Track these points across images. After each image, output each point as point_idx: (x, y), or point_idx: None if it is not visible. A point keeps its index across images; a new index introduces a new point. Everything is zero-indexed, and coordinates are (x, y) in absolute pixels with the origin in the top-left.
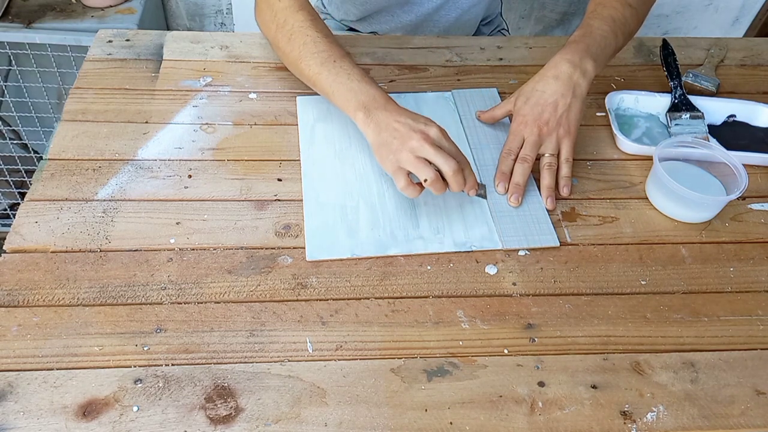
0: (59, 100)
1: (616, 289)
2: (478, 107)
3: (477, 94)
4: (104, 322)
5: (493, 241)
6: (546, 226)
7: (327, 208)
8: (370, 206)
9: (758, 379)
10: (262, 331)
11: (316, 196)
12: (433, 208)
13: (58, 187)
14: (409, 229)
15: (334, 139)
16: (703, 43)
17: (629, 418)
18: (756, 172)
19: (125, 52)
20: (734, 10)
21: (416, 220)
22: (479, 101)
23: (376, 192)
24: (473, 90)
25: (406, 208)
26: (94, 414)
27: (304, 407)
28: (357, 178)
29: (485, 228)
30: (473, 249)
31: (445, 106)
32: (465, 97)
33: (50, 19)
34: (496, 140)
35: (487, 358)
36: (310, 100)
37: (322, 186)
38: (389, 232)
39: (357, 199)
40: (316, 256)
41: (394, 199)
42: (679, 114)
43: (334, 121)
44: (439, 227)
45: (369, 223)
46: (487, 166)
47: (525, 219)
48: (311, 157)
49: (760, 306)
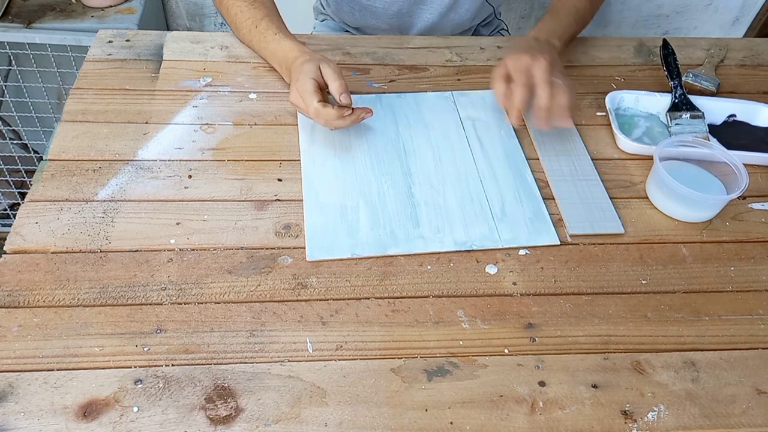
0: (59, 100)
1: (617, 288)
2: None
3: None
4: (104, 322)
5: (493, 240)
6: (610, 213)
7: (327, 208)
8: (370, 205)
9: (759, 378)
10: (262, 332)
11: (316, 196)
12: (434, 207)
13: (59, 188)
14: (410, 228)
15: (334, 139)
16: (703, 43)
17: (630, 418)
18: (756, 172)
19: (125, 52)
20: (734, 10)
21: (416, 219)
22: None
23: (377, 191)
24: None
25: (406, 207)
26: (95, 414)
27: (304, 407)
28: (357, 177)
29: (486, 227)
30: (474, 248)
31: (446, 106)
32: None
33: (50, 19)
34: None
35: (487, 357)
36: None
37: (322, 186)
38: (389, 232)
39: (357, 198)
40: (317, 256)
41: (395, 198)
42: (680, 114)
43: None
44: (439, 226)
45: (369, 222)
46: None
47: (589, 206)
48: (311, 156)
49: (760, 305)
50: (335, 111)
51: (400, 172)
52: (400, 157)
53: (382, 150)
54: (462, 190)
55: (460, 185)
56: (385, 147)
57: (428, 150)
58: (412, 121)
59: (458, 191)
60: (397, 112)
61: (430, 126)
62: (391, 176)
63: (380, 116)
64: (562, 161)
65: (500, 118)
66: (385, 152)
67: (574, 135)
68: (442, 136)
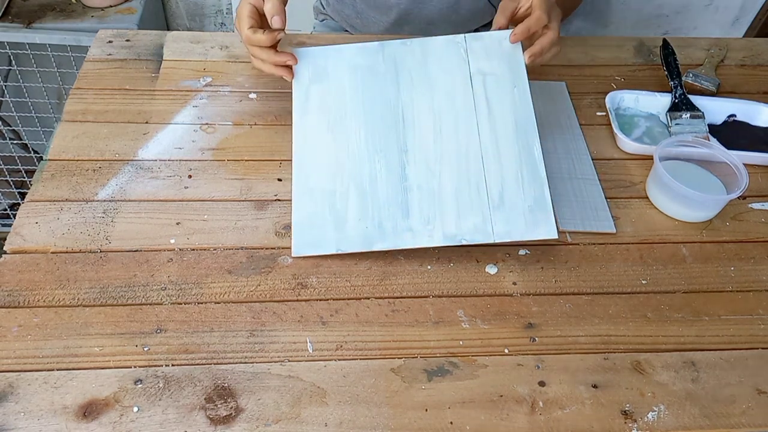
0: (59, 100)
1: (617, 288)
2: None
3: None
4: (104, 322)
5: (486, 233)
6: (604, 213)
7: (316, 195)
8: (360, 191)
9: (759, 378)
10: (262, 331)
11: (306, 180)
12: (427, 193)
13: (59, 188)
14: (399, 219)
15: (329, 105)
16: (703, 43)
17: (630, 418)
18: (756, 172)
19: (125, 52)
20: (734, 10)
21: (407, 208)
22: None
23: (368, 173)
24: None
25: (397, 194)
26: (95, 414)
27: (304, 407)
28: (349, 155)
29: (479, 217)
30: (463, 242)
31: (456, 56)
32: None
33: (50, 19)
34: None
35: (487, 357)
36: (308, 52)
37: (313, 167)
38: (377, 223)
39: (348, 182)
40: (302, 252)
41: (387, 181)
42: (680, 113)
43: (330, 81)
44: (430, 217)
45: (357, 212)
46: (551, 154)
47: (583, 204)
48: (303, 129)
49: (761, 305)
50: (265, 36)
51: (396, 148)
52: (398, 128)
53: (379, 119)
54: (460, 170)
55: (458, 163)
56: (383, 115)
57: (429, 119)
58: (416, 79)
59: (455, 171)
60: (400, 65)
61: (435, 86)
62: (385, 153)
63: (381, 71)
64: (561, 159)
65: (516, 70)
66: (382, 122)
67: (577, 135)
68: (446, 99)
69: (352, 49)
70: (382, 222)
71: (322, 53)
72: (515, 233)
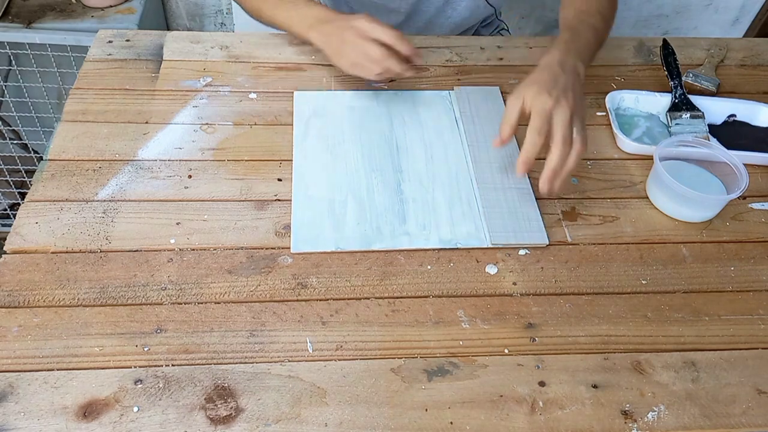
0: (59, 100)
1: (617, 288)
2: (479, 105)
3: (479, 91)
4: (104, 322)
5: (479, 239)
6: (536, 224)
7: (315, 201)
8: (358, 200)
9: (759, 378)
10: (262, 331)
11: (306, 190)
12: (422, 204)
13: (59, 188)
14: (396, 224)
15: (327, 134)
16: (703, 43)
17: (630, 418)
18: (756, 172)
19: (125, 52)
20: (734, 10)
21: (403, 215)
22: (481, 99)
23: (365, 186)
24: (476, 87)
25: (394, 204)
26: (95, 414)
27: (304, 407)
28: (347, 172)
29: (472, 226)
30: (459, 246)
31: (442, 104)
32: (466, 94)
33: (50, 19)
34: (493, 138)
35: (487, 357)
36: (308, 95)
37: (312, 180)
38: (375, 227)
39: (346, 193)
40: (301, 248)
41: (383, 193)
42: (680, 113)
43: (329, 116)
44: (425, 224)
45: (356, 217)
46: (484, 164)
47: (515, 215)
48: (303, 150)
49: (761, 305)
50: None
51: (391, 168)
52: (392, 154)
53: (375, 146)
54: (452, 189)
55: (450, 184)
56: (378, 143)
57: (420, 148)
58: (407, 119)
59: (447, 189)
60: (393, 109)
61: (425, 125)
62: (381, 172)
63: (376, 113)
64: (495, 169)
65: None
66: (378, 148)
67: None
68: (435, 135)
69: (349, 94)
70: (380, 226)
71: (321, 95)
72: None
